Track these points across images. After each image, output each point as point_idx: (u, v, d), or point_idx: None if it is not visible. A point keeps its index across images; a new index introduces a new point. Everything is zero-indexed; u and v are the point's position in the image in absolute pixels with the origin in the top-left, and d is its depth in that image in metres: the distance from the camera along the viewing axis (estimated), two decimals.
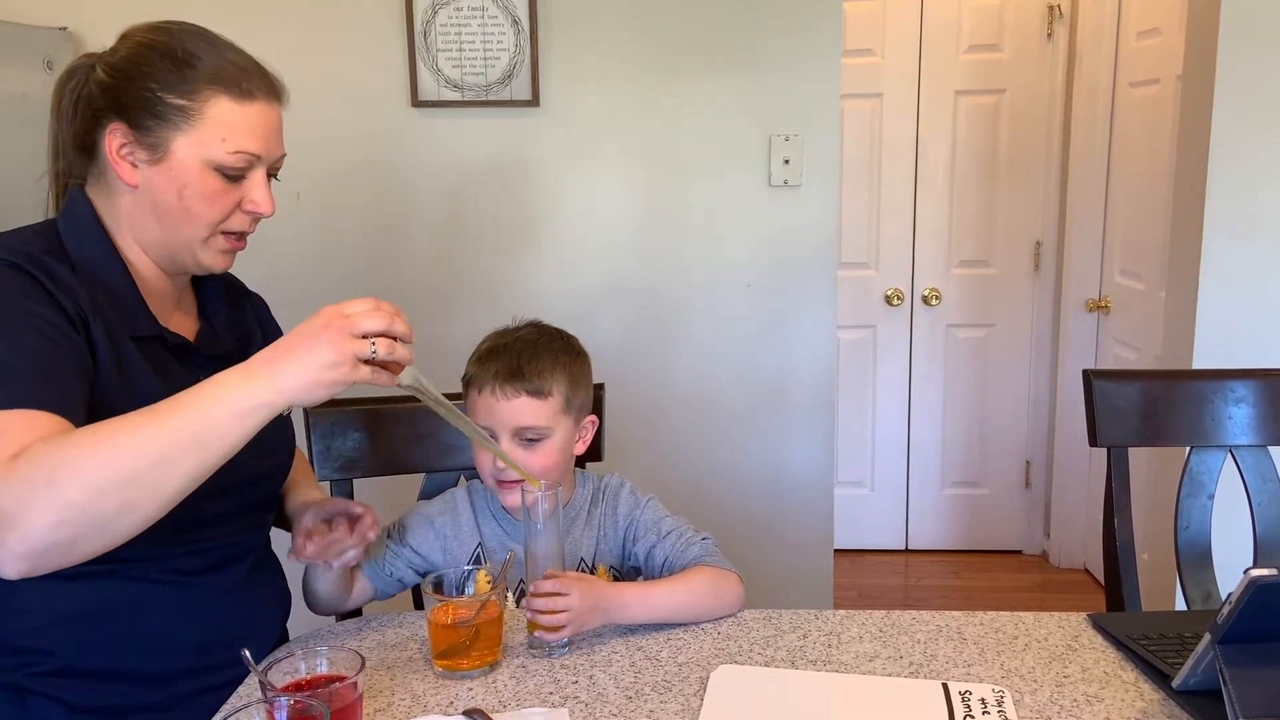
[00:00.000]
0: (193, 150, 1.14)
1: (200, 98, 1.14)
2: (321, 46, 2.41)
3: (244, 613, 1.27)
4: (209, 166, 1.15)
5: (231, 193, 1.18)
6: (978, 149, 3.54)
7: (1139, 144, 3.10)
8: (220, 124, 1.15)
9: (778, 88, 2.42)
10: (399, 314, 1.06)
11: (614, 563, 1.46)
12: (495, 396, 1.35)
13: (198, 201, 1.16)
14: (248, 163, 1.17)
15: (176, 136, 1.14)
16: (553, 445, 1.37)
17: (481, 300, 2.49)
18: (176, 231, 1.18)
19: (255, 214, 1.21)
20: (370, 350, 1.02)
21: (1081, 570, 3.60)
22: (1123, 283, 3.25)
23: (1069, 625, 1.32)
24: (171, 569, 1.19)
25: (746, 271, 2.51)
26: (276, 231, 2.47)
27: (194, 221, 1.17)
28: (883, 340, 3.68)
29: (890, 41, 3.50)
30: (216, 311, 1.33)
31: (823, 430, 2.58)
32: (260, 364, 1.03)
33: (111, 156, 1.15)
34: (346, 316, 1.02)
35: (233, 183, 1.17)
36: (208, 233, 1.19)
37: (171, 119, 1.14)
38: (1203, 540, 1.61)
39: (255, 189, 1.20)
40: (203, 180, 1.15)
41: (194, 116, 1.14)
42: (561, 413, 1.38)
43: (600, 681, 1.19)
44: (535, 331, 1.43)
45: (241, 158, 1.16)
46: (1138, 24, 3.10)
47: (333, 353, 1.01)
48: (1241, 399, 1.61)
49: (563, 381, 1.38)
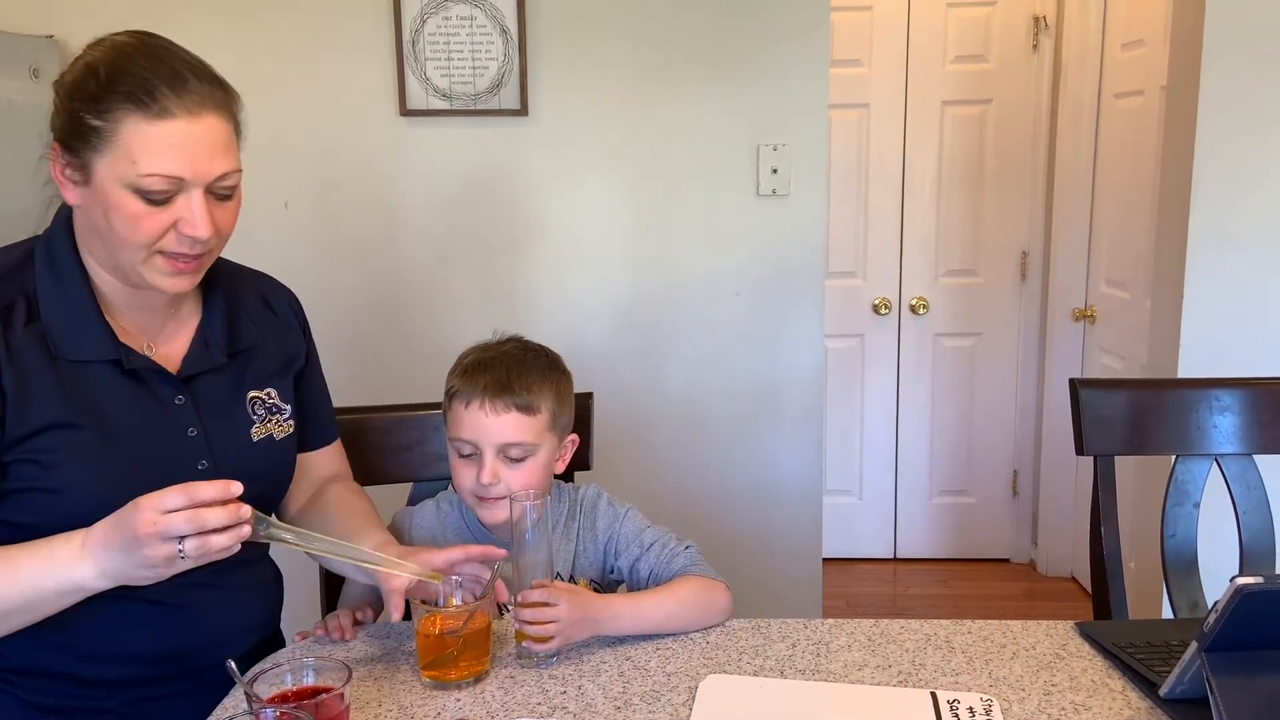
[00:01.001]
0: (109, 173, 1.09)
1: (113, 118, 1.07)
2: (310, 55, 2.41)
3: (207, 625, 1.24)
4: (127, 189, 1.09)
5: (158, 215, 1.10)
6: (964, 159, 3.56)
7: (1124, 154, 3.12)
8: (131, 146, 1.07)
9: (766, 97, 2.43)
10: (219, 499, 1.01)
11: (594, 576, 1.45)
12: (484, 411, 1.33)
13: (121, 225, 1.10)
14: (169, 185, 1.09)
15: (96, 159, 1.09)
16: (536, 463, 1.36)
17: (469, 309, 2.49)
18: (114, 252, 1.14)
19: (191, 238, 1.13)
20: (179, 554, 1.01)
21: (1069, 578, 3.61)
22: (1108, 292, 3.27)
23: (1057, 634, 1.32)
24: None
25: (735, 280, 2.51)
26: (265, 241, 2.47)
27: (124, 244, 1.12)
28: (870, 349, 3.69)
29: (877, 52, 3.52)
30: (214, 329, 1.28)
31: (811, 439, 2.58)
32: (95, 545, 1.04)
33: (56, 176, 1.13)
34: (156, 522, 1.00)
35: (157, 205, 1.10)
36: (143, 255, 1.12)
37: (91, 140, 1.08)
38: (1189, 548, 1.62)
39: (186, 210, 1.11)
40: (122, 203, 1.09)
41: (108, 138, 1.08)
42: (548, 430, 1.37)
43: (589, 692, 1.18)
44: (520, 347, 1.42)
45: (157, 180, 1.08)
46: (1122, 35, 3.13)
47: (146, 558, 1.01)
48: (1227, 408, 1.62)
49: (550, 398, 1.37)
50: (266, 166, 2.44)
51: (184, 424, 1.21)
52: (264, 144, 2.41)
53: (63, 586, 1.05)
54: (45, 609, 1.08)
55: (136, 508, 1.01)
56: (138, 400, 1.18)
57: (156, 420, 1.19)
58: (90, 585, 1.05)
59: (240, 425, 1.28)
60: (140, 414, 1.18)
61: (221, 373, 1.27)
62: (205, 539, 1.01)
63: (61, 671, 1.18)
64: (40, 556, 1.06)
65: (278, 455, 1.32)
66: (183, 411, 1.22)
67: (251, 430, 1.29)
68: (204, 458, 1.22)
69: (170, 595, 1.18)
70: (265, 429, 1.30)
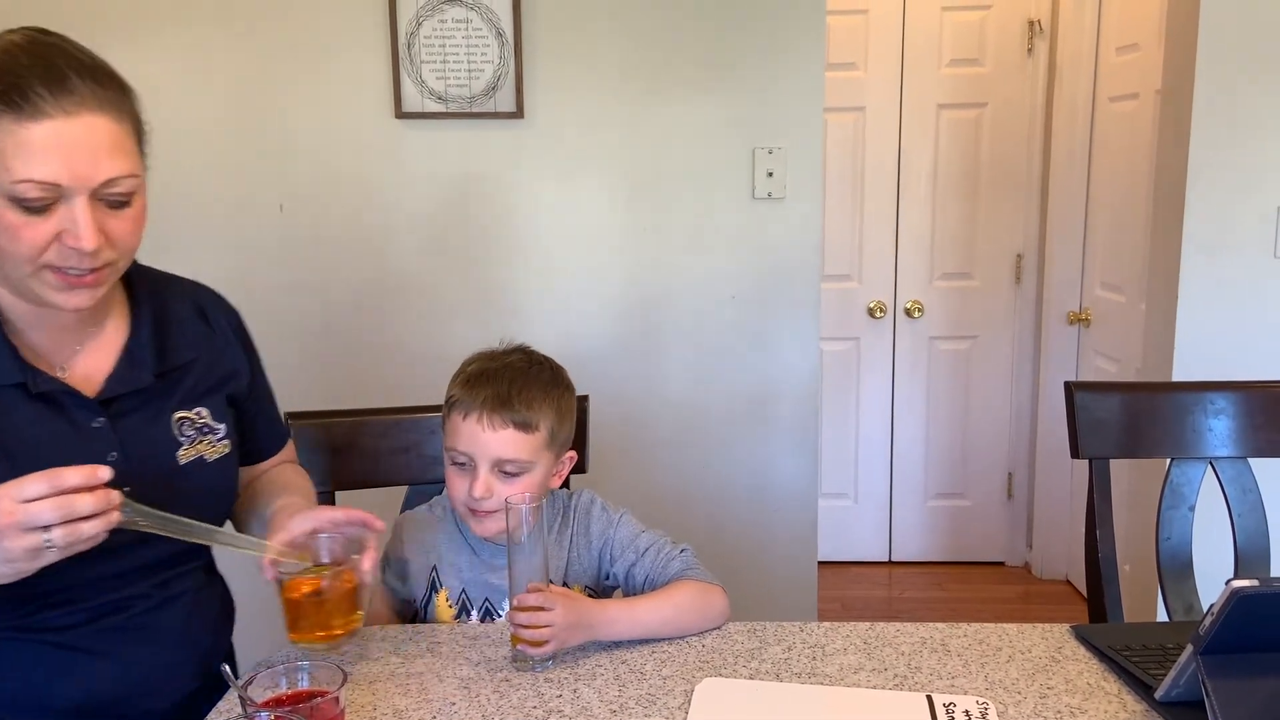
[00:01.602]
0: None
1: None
2: (305, 58, 2.40)
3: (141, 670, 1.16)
4: (1, 198, 0.99)
5: (40, 225, 1.00)
6: (959, 162, 3.57)
7: (1119, 158, 3.13)
8: (2, 150, 0.97)
9: (761, 101, 2.43)
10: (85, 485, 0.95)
11: (589, 583, 1.45)
12: (481, 425, 1.32)
13: (1, 237, 1.01)
14: (45, 192, 0.99)
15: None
16: (531, 479, 1.35)
17: (465, 312, 2.49)
18: (2, 267, 1.04)
19: (76, 249, 1.02)
20: (45, 543, 0.94)
21: (1064, 581, 3.61)
22: (1103, 295, 3.27)
23: (1052, 636, 1.32)
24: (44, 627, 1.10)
25: (730, 284, 2.51)
26: (259, 242, 2.47)
27: (6, 258, 1.02)
28: (866, 352, 3.69)
29: (873, 55, 3.53)
30: (141, 346, 1.19)
31: (806, 442, 2.58)
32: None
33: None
34: (14, 512, 0.93)
35: (37, 214, 1.00)
36: (29, 269, 1.03)
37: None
38: (1184, 551, 1.62)
39: (69, 221, 1.01)
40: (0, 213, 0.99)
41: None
42: (545, 448, 1.36)
43: (584, 695, 1.18)
44: (525, 359, 1.40)
45: (31, 187, 0.98)
46: (1117, 39, 3.14)
47: (5, 551, 0.94)
48: (1221, 411, 1.62)
49: (550, 416, 1.35)
50: (262, 169, 2.44)
51: (102, 449, 1.12)
52: (259, 146, 2.43)
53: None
54: None
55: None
56: (48, 426, 1.09)
57: (70, 446, 1.10)
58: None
59: (166, 447, 1.19)
60: (51, 441, 1.09)
61: (147, 393, 1.18)
62: (74, 527, 0.94)
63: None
64: None
65: (210, 478, 1.23)
66: (101, 435, 1.12)
67: (178, 453, 1.20)
68: (124, 484, 1.07)
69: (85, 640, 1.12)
70: (194, 450, 1.21)
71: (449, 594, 1.40)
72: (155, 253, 1.17)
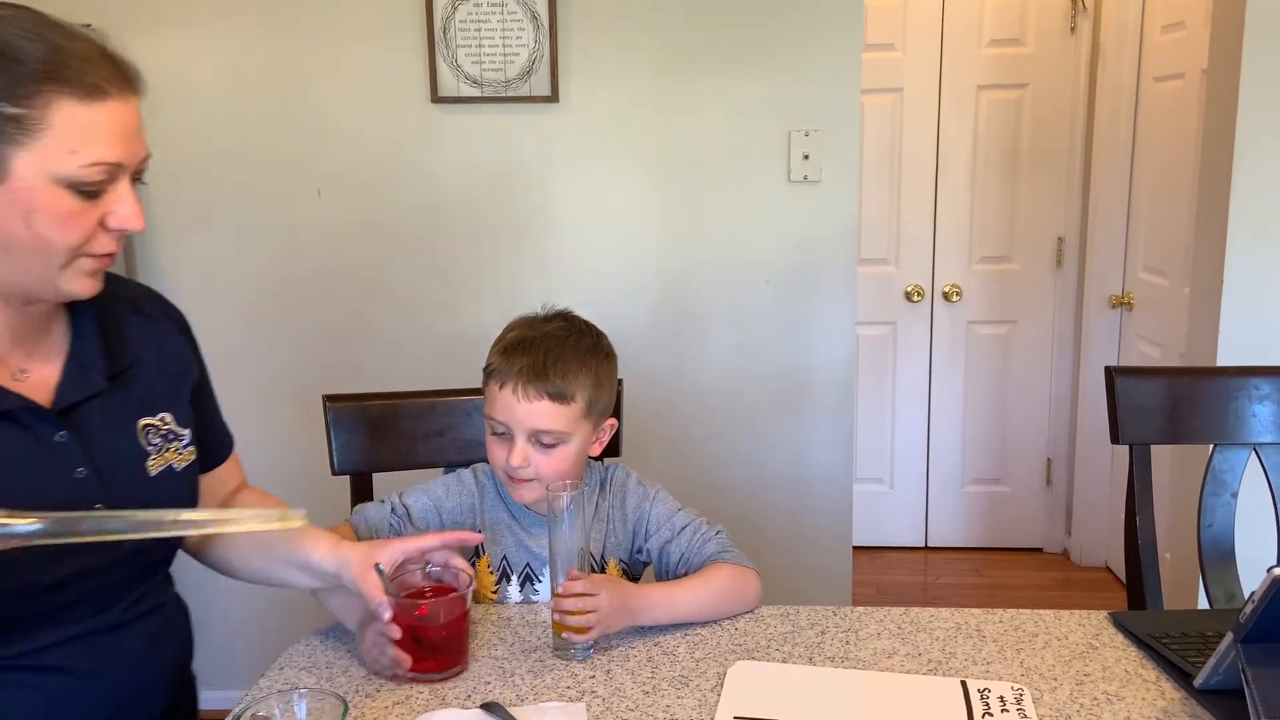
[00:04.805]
0: (36, 167, 0.94)
1: (39, 103, 0.94)
2: (342, 43, 2.42)
3: (119, 688, 1.11)
4: (59, 184, 0.96)
5: (90, 211, 0.98)
6: (999, 144, 3.52)
7: (1163, 139, 3.07)
8: (68, 133, 0.95)
9: (797, 83, 2.41)
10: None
11: (623, 556, 1.45)
12: (516, 395, 1.32)
13: (50, 227, 0.97)
14: (107, 174, 0.98)
15: (15, 153, 0.94)
16: (568, 450, 1.35)
17: (500, 296, 2.50)
18: (28, 263, 0.99)
19: (122, 231, 1.01)
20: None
21: (1103, 568, 3.57)
22: (1146, 279, 3.22)
23: (1089, 623, 1.31)
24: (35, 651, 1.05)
25: (766, 268, 2.50)
26: (298, 228, 2.50)
27: (48, 250, 0.98)
28: (903, 337, 3.66)
29: (911, 36, 3.48)
30: (88, 346, 1.11)
31: (842, 427, 2.57)
32: None
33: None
34: None
35: (90, 199, 0.98)
36: (67, 259, 1.00)
37: (6, 132, 0.93)
38: (1226, 539, 1.60)
39: (120, 202, 1.00)
40: (53, 201, 0.96)
41: (33, 127, 0.94)
42: (582, 418, 1.35)
43: (617, 677, 1.19)
44: (565, 327, 1.38)
45: (99, 170, 0.97)
46: (1162, 18, 3.07)
47: None
48: (1266, 396, 1.59)
49: (587, 386, 1.34)
50: (300, 155, 2.47)
51: (69, 465, 1.06)
52: (297, 132, 2.45)
53: None
54: None
55: None
56: (11, 444, 1.03)
57: (36, 465, 1.04)
58: None
59: (134, 458, 1.13)
60: (16, 460, 1.03)
61: (105, 398, 1.11)
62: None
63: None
64: None
65: (180, 487, 1.18)
66: (66, 450, 1.06)
67: (148, 463, 1.14)
68: (97, 500, 1.06)
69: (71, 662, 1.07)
70: (163, 459, 1.16)
71: (490, 561, 1.41)
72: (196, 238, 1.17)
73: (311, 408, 1.57)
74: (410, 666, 1.16)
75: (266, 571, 1.25)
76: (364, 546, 1.18)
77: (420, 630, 1.16)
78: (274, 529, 1.01)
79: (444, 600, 1.19)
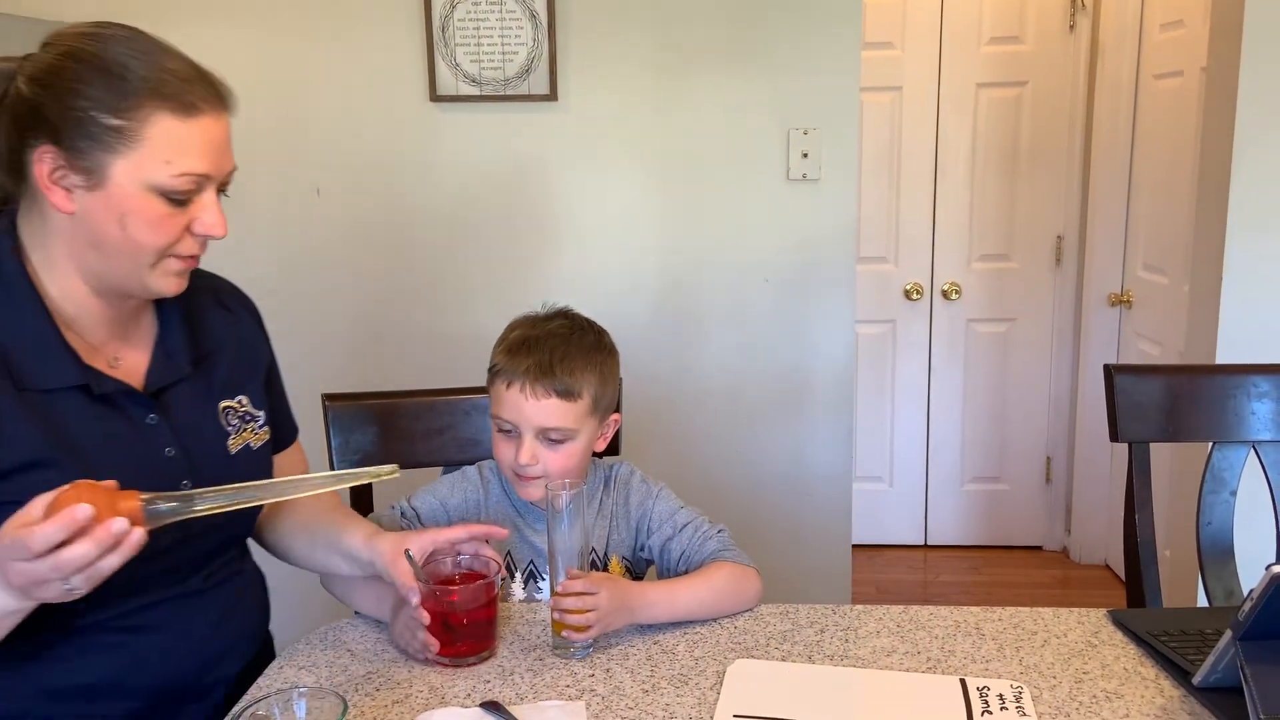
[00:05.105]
0: (133, 175, 1.04)
1: (139, 116, 1.03)
2: (340, 42, 2.42)
3: (203, 649, 1.19)
4: (152, 191, 1.05)
5: (178, 217, 1.07)
6: (999, 142, 3.52)
7: (1162, 137, 3.07)
8: (163, 145, 1.04)
9: (796, 81, 2.41)
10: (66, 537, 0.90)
11: (625, 553, 1.45)
12: (524, 394, 1.33)
13: (141, 230, 1.06)
14: (195, 184, 1.07)
15: (114, 160, 1.03)
16: (576, 446, 1.36)
17: (499, 295, 2.50)
18: (120, 261, 1.08)
19: (206, 237, 1.11)
20: (68, 590, 0.93)
21: (1102, 566, 3.57)
22: (1145, 277, 3.22)
23: (1089, 621, 1.31)
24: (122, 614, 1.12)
25: (765, 266, 2.50)
26: (296, 227, 2.49)
27: (139, 250, 1.07)
28: (902, 335, 3.66)
29: (910, 34, 3.48)
30: (174, 334, 1.21)
31: (841, 425, 2.57)
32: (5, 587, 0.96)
33: (43, 182, 1.04)
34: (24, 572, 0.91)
35: (179, 206, 1.07)
36: (154, 259, 1.09)
37: (107, 141, 1.02)
38: (1225, 536, 1.60)
39: (205, 210, 1.09)
40: (146, 206, 1.05)
41: (133, 138, 1.03)
42: (589, 414, 1.36)
43: (617, 675, 1.19)
44: (567, 325, 1.39)
45: (188, 180, 1.06)
46: (1161, 15, 3.07)
47: (40, 598, 0.96)
48: (1265, 394, 1.59)
49: (592, 382, 1.36)
50: (298, 153, 2.47)
51: (160, 445, 1.15)
52: (295, 131, 2.45)
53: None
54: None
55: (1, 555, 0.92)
56: (109, 425, 1.11)
57: (131, 445, 1.13)
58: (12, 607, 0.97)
59: (216, 438, 1.22)
60: (114, 440, 1.11)
61: (189, 384, 1.21)
62: (94, 569, 0.92)
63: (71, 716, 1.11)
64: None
65: (257, 465, 1.26)
66: (157, 431, 1.15)
67: (228, 442, 1.23)
68: (185, 477, 1.15)
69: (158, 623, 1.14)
70: (241, 439, 1.25)
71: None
72: None
73: (311, 407, 1.57)
74: (440, 650, 1.19)
75: (312, 557, 1.33)
76: (395, 536, 1.24)
77: (450, 616, 1.20)
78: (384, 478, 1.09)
79: (472, 587, 1.22)
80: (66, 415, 1.08)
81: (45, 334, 1.09)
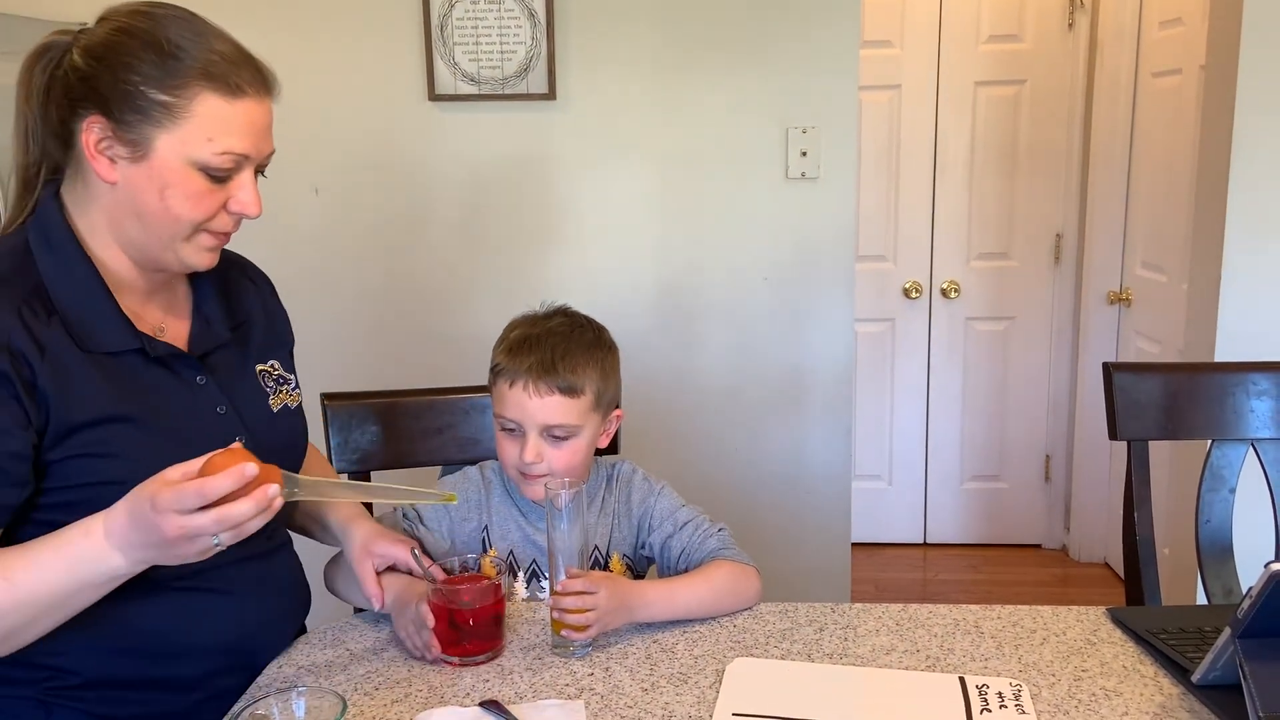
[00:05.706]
0: (176, 149, 1.08)
1: (187, 94, 1.07)
2: (339, 41, 2.42)
3: (263, 612, 1.24)
4: (193, 166, 1.09)
5: (216, 193, 1.12)
6: (998, 140, 3.52)
7: (1161, 135, 3.07)
8: (207, 123, 1.08)
9: (795, 80, 2.41)
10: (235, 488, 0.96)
11: (627, 551, 1.45)
12: (527, 393, 1.33)
13: (180, 202, 1.10)
14: (235, 163, 1.12)
15: (159, 134, 1.08)
16: (579, 442, 1.36)
17: (498, 294, 2.50)
18: (157, 232, 1.13)
19: (241, 215, 1.16)
20: (215, 544, 0.99)
21: (1102, 564, 3.58)
22: (1144, 275, 3.22)
23: (1088, 619, 1.31)
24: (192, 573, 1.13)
25: (764, 265, 2.50)
26: (294, 226, 2.49)
27: (176, 222, 1.12)
28: (901, 333, 3.66)
29: (909, 32, 3.48)
30: (210, 304, 1.27)
31: (841, 424, 2.57)
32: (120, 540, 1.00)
33: (89, 151, 1.09)
34: (184, 526, 0.96)
35: (218, 183, 1.12)
36: (190, 232, 1.13)
37: (155, 115, 1.07)
38: (1224, 534, 1.60)
39: (242, 189, 1.14)
40: (186, 181, 1.10)
41: (179, 114, 1.07)
42: (591, 410, 1.37)
43: (616, 674, 1.19)
44: (567, 323, 1.40)
45: (228, 158, 1.10)
46: (1160, 13, 3.07)
47: (180, 554, 1.00)
48: (1264, 392, 1.59)
49: (595, 378, 1.36)
50: (297, 152, 2.46)
51: (212, 404, 1.20)
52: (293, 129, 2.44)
53: (94, 579, 1.02)
54: (78, 605, 1.04)
55: (155, 509, 0.96)
56: (167, 385, 1.17)
57: (189, 404, 1.18)
58: (124, 574, 1.03)
59: (259, 398, 1.28)
60: (174, 400, 1.17)
61: (229, 348, 1.26)
62: (239, 527, 0.98)
63: (132, 677, 1.16)
64: (62, 555, 1.02)
65: (296, 423, 1.34)
66: (207, 392, 1.20)
67: (269, 401, 1.29)
68: (239, 433, 1.20)
69: (224, 584, 1.19)
70: (279, 399, 1.31)
71: (496, 556, 1.41)
72: None
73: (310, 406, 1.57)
74: (447, 650, 1.21)
75: (292, 519, 1.39)
76: (366, 533, 1.30)
77: (457, 615, 1.20)
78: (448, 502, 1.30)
79: (477, 587, 1.23)
80: (130, 376, 1.13)
81: (102, 301, 1.13)
